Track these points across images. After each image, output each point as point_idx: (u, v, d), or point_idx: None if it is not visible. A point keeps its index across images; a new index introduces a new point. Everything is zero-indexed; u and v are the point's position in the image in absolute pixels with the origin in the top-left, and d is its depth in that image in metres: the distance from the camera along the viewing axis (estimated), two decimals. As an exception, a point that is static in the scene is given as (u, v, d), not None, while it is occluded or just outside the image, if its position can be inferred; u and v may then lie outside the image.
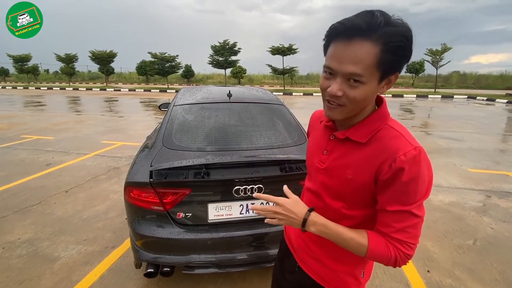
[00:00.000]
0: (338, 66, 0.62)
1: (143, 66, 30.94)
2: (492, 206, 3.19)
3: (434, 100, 17.92)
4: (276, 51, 24.37)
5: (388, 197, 0.67)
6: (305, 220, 0.73)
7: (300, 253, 0.93)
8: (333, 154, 0.77)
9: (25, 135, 6.45)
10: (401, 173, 0.63)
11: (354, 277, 0.85)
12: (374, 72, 0.61)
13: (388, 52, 0.59)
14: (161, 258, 1.59)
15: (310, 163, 0.86)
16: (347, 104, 0.65)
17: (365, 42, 0.59)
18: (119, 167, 4.31)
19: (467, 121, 9.05)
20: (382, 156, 0.66)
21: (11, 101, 14.29)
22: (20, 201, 3.17)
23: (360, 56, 0.59)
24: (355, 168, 0.71)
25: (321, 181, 0.80)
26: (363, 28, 0.58)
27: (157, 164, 1.57)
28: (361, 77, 0.61)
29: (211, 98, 2.29)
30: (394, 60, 0.61)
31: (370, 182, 0.69)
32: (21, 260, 2.18)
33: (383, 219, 0.69)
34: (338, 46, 0.62)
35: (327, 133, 0.81)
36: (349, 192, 0.73)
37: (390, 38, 0.58)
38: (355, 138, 0.71)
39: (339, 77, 0.63)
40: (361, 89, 0.63)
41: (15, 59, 29.56)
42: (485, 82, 29.87)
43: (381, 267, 2.13)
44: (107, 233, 2.57)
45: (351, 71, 0.61)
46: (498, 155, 5.24)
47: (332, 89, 0.64)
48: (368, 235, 0.70)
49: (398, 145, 0.65)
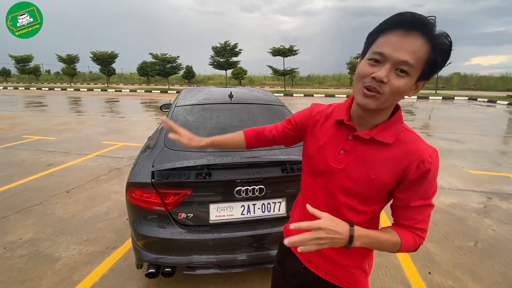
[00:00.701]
0: (392, 52, 0.63)
1: (144, 67, 31.06)
2: (493, 207, 3.18)
3: (435, 101, 17.92)
4: (276, 52, 24.43)
5: (412, 194, 0.72)
6: (351, 237, 0.67)
7: (306, 253, 0.91)
8: (353, 154, 0.76)
9: (26, 135, 6.47)
10: (428, 173, 0.70)
11: (362, 269, 0.88)
12: (420, 68, 0.65)
13: (435, 52, 0.63)
14: (163, 258, 1.59)
15: (321, 161, 0.82)
16: (386, 94, 0.66)
17: (421, 37, 0.62)
18: (120, 168, 4.32)
19: (468, 123, 9.04)
20: (409, 157, 0.70)
21: (12, 102, 14.34)
22: (22, 201, 3.17)
23: (415, 47, 0.62)
24: (379, 168, 0.73)
25: (337, 181, 0.79)
26: (425, 25, 0.62)
27: (159, 165, 1.57)
28: (411, 67, 0.63)
29: (213, 99, 2.29)
30: (438, 61, 0.65)
31: (393, 182, 0.73)
32: (22, 260, 2.19)
33: (406, 214, 0.75)
34: (395, 35, 0.64)
35: (342, 133, 0.80)
36: (368, 191, 0.76)
37: (440, 41, 0.63)
38: (382, 139, 0.73)
39: (388, 64, 0.64)
40: (405, 80, 0.65)
41: (17, 59, 29.73)
42: (486, 84, 29.88)
43: (382, 269, 2.13)
44: (108, 233, 2.57)
45: (404, 59, 0.63)
46: (499, 157, 5.24)
47: (379, 74, 0.64)
48: (398, 232, 0.74)
49: (422, 147, 0.71)
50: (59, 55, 27.96)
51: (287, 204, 1.65)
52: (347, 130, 0.79)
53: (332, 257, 0.86)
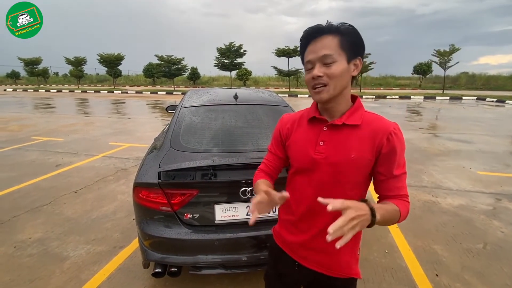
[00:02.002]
0: (314, 55, 0.81)
1: (150, 69, 31.34)
2: (502, 209, 3.13)
3: (442, 101, 17.68)
4: (281, 53, 24.42)
5: (390, 165, 0.83)
6: (372, 209, 0.70)
7: (299, 251, 0.96)
8: (331, 142, 0.86)
9: (35, 136, 6.60)
10: (397, 143, 0.82)
11: (354, 256, 0.94)
12: (341, 52, 0.80)
13: (345, 36, 0.80)
14: (169, 258, 1.61)
15: (304, 157, 0.89)
16: (329, 82, 0.80)
17: (327, 36, 0.80)
18: (126, 168, 4.37)
19: (476, 123, 8.90)
20: (379, 134, 0.82)
21: (22, 104, 14.63)
22: (31, 201, 3.24)
23: (327, 43, 0.80)
24: (357, 148, 0.83)
25: (323, 169, 0.86)
26: (324, 28, 0.81)
27: (165, 165, 1.59)
28: (332, 56, 0.79)
29: (218, 100, 2.31)
30: (352, 41, 0.80)
31: (371, 158, 0.83)
32: (32, 259, 2.23)
33: (390, 185, 0.85)
34: (310, 45, 0.83)
35: (317, 127, 0.90)
36: (352, 172, 0.84)
37: (344, 27, 0.80)
38: (351, 122, 0.85)
39: (317, 63, 0.81)
40: (335, 66, 0.79)
41: (26, 62, 30.27)
42: (495, 84, 29.33)
43: (388, 271, 2.12)
44: (115, 233, 2.60)
45: (323, 53, 0.79)
46: (508, 158, 5.14)
47: (314, 72, 0.81)
48: (393, 202, 0.82)
49: (385, 123, 0.84)
50: (67, 58, 28.41)
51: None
52: (320, 124, 0.90)
53: (329, 248, 0.87)
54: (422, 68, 27.88)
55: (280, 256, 1.02)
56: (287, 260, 0.99)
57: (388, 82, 33.86)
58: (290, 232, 0.98)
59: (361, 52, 0.84)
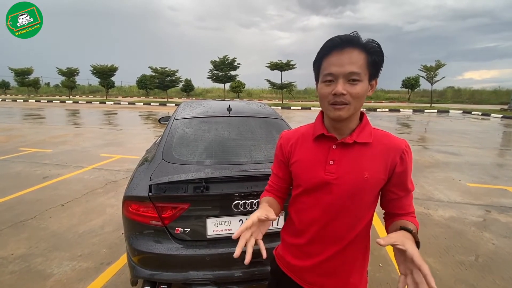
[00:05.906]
0: (339, 69, 0.74)
1: (144, 80, 31.38)
2: (493, 221, 3.17)
3: (430, 114, 18.17)
4: (274, 66, 24.88)
5: (405, 183, 0.81)
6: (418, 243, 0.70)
7: (305, 276, 0.89)
8: (343, 161, 0.81)
9: (22, 147, 6.43)
10: (409, 162, 0.80)
11: (364, 278, 0.91)
12: (366, 71, 0.75)
13: (372, 55, 0.75)
14: (158, 275, 1.55)
15: (313, 178, 0.83)
16: (351, 102, 0.75)
17: (354, 49, 0.74)
18: (116, 181, 4.27)
19: (463, 135, 9.14)
20: (390, 152, 0.80)
21: (10, 114, 14.32)
22: (15, 215, 3.11)
23: (354, 58, 0.73)
24: (369, 167, 0.79)
25: (334, 191, 0.80)
26: (353, 40, 0.74)
27: (157, 178, 1.56)
28: (359, 74, 0.73)
29: (211, 112, 2.31)
30: (377, 61, 0.76)
31: (384, 177, 0.80)
32: (13, 277, 2.12)
33: (401, 204, 0.84)
34: (334, 55, 0.75)
35: (324, 145, 0.84)
36: (364, 193, 0.80)
37: (370, 45, 0.75)
38: (363, 140, 0.80)
39: (340, 79, 0.74)
40: (360, 86, 0.75)
41: (17, 72, 29.88)
42: (479, 98, 30.52)
43: (383, 285, 2.09)
44: (103, 248, 2.51)
45: (350, 70, 0.73)
46: (496, 170, 5.26)
47: (338, 89, 0.74)
48: (408, 220, 0.82)
49: (396, 141, 0.81)
50: (59, 68, 28.24)
51: (285, 218, 1.63)
52: (328, 142, 0.84)
53: (336, 270, 0.86)
54: (410, 82, 28.80)
55: (284, 279, 0.95)
56: (292, 285, 0.92)
57: (378, 96, 34.70)
58: (296, 257, 0.91)
59: (379, 74, 0.79)
